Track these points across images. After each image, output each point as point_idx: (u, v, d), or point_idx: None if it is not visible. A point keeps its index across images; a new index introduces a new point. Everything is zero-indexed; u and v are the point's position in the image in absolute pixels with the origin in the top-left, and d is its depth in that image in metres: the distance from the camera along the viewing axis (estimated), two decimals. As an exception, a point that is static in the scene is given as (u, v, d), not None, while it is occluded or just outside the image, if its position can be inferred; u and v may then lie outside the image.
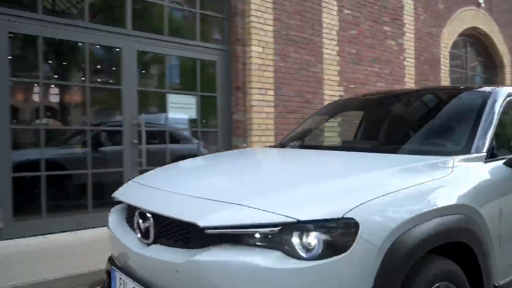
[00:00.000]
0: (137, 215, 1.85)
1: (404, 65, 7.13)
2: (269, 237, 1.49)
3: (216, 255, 1.51)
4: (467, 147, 2.17)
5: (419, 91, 3.41)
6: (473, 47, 9.47)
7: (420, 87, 6.91)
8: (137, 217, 1.85)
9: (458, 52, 8.94)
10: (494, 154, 2.21)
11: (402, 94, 3.37)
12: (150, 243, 1.77)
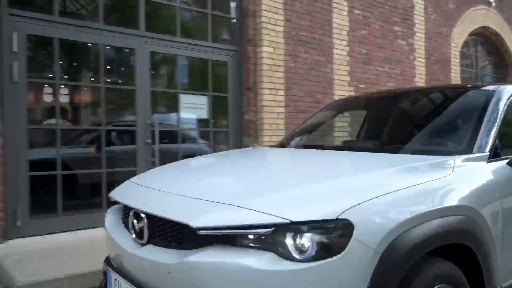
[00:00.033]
0: (132, 215, 1.84)
1: (414, 65, 7.11)
2: (262, 238, 1.47)
3: (208, 256, 1.49)
4: (469, 147, 2.13)
5: (421, 90, 3.31)
6: (484, 47, 9.41)
7: (422, 86, 6.87)
8: (132, 217, 1.83)
9: (468, 51, 8.89)
10: (497, 153, 2.15)
11: (403, 93, 3.31)
12: (144, 243, 1.75)
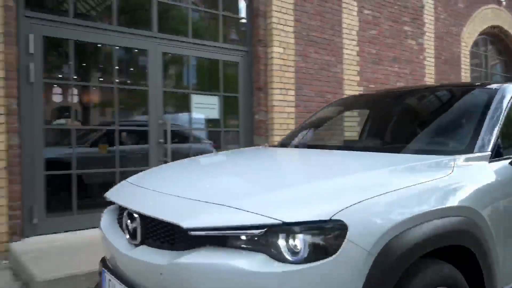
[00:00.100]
0: (126, 215, 1.82)
1: (424, 64, 7.11)
2: (255, 239, 1.44)
3: (200, 257, 1.47)
4: (470, 146, 2.08)
5: (423, 88, 3.25)
6: (494, 46, 9.35)
7: (424, 84, 6.83)
8: (126, 217, 1.81)
9: (478, 50, 8.85)
10: (500, 153, 2.10)
11: (405, 92, 3.26)
12: (138, 244, 1.73)
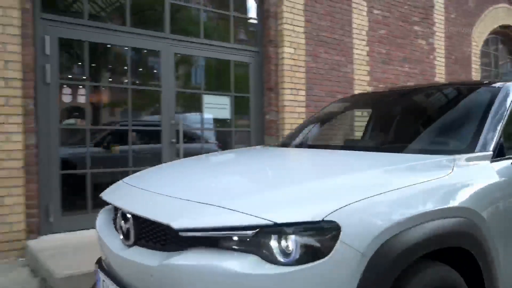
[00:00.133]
0: (119, 216, 1.81)
1: (434, 64, 7.09)
2: (246, 240, 1.40)
3: (190, 258, 1.44)
4: (471, 145, 2.03)
5: (425, 87, 3.21)
6: (504, 45, 9.30)
7: (426, 83, 6.79)
8: (119, 218, 1.80)
9: (488, 50, 8.81)
10: (502, 153, 2.05)
11: (406, 91, 3.22)
12: (131, 244, 1.71)
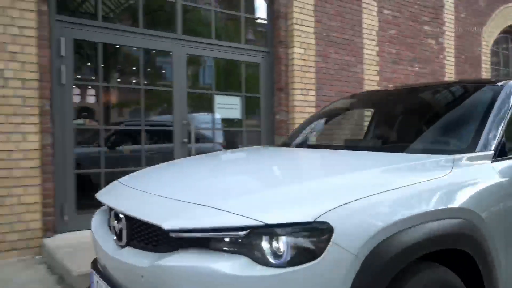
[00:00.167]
0: (112, 216, 1.81)
1: (444, 64, 7.08)
2: (238, 241, 1.38)
3: (181, 260, 1.42)
4: (471, 145, 1.99)
5: (426, 86, 3.17)
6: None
7: (428, 82, 6.76)
8: (113, 218, 1.80)
9: (498, 49, 8.76)
10: (504, 152, 2.01)
11: (408, 90, 3.19)
12: (123, 245, 1.70)
